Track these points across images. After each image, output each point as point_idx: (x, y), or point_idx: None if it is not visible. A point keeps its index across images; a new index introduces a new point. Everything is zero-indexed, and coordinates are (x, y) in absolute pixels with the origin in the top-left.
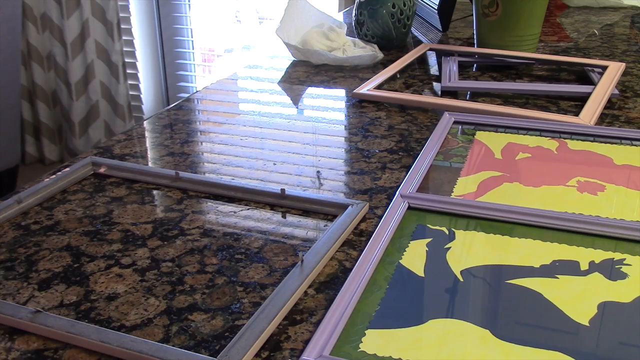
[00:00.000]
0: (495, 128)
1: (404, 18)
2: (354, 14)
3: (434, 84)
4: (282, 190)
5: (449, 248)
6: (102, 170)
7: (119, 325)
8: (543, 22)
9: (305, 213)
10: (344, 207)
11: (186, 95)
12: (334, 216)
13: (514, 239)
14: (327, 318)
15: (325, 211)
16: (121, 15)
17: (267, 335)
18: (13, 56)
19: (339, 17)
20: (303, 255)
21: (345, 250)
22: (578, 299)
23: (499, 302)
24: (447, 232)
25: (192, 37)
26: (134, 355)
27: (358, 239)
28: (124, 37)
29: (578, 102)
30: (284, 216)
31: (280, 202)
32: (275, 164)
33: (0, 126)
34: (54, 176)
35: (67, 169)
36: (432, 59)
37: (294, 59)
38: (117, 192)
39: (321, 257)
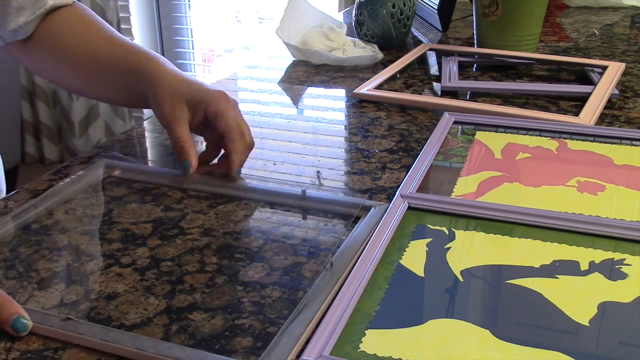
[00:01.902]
0: (495, 128)
1: (404, 18)
2: (354, 14)
3: (434, 84)
4: (303, 191)
5: (449, 248)
6: (116, 173)
7: (119, 325)
8: (543, 22)
9: (306, 213)
10: (366, 208)
11: None
12: (337, 216)
13: (514, 239)
14: (327, 318)
15: (347, 212)
16: (121, 15)
17: (304, 340)
18: None
19: (339, 17)
20: (332, 257)
21: None
22: (578, 299)
23: (499, 302)
24: (447, 232)
25: (192, 37)
26: None
27: None
28: None
29: (578, 102)
30: (284, 216)
31: (301, 204)
32: (275, 164)
33: (0, 126)
34: (68, 179)
35: (81, 172)
36: (432, 59)
37: (294, 59)
38: (117, 191)
39: (350, 259)
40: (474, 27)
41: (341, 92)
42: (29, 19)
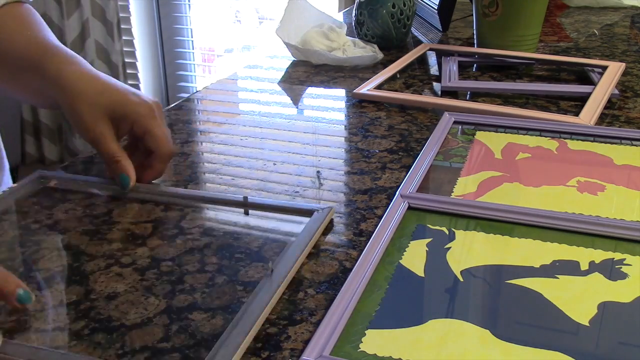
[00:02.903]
0: (495, 128)
1: (404, 18)
2: (354, 14)
3: (434, 84)
4: (245, 197)
5: (449, 248)
6: (52, 184)
7: (119, 325)
8: (543, 22)
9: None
10: (309, 212)
11: (186, 95)
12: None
13: (514, 239)
14: (327, 318)
15: (290, 219)
16: (121, 15)
17: (242, 350)
18: None
19: (339, 17)
20: (272, 265)
21: (345, 250)
22: (578, 299)
23: (499, 302)
24: (447, 232)
25: (192, 37)
26: None
27: (358, 239)
28: (124, 37)
29: (578, 102)
30: (284, 215)
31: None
32: (275, 164)
33: (0, 126)
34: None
35: (16, 184)
36: (432, 59)
37: (294, 59)
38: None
39: (290, 267)
40: (474, 27)
41: (341, 92)
42: None
